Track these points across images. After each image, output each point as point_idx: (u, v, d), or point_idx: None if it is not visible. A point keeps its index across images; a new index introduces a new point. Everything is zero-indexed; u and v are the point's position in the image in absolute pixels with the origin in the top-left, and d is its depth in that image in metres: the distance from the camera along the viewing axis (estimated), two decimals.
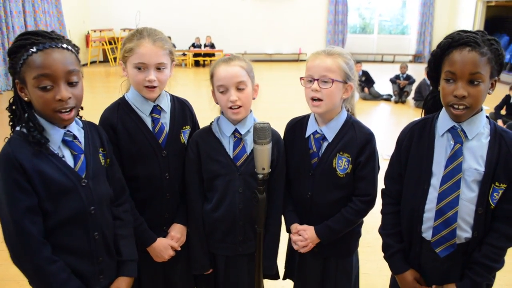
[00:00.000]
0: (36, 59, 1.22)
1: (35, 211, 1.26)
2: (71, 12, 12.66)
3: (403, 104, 8.65)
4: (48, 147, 1.29)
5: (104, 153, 1.48)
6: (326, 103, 1.61)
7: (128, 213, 1.58)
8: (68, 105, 1.28)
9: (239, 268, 1.75)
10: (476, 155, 1.43)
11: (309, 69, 1.64)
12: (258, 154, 1.45)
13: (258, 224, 1.51)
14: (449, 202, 1.43)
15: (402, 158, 1.58)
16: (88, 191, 1.35)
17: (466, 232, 1.46)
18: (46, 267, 1.26)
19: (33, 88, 1.24)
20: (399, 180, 1.60)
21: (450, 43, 1.39)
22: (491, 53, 1.36)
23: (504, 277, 2.81)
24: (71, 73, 1.28)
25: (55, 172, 1.28)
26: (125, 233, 1.52)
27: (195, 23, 14.32)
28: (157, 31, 1.65)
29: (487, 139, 1.44)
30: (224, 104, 1.65)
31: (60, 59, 1.26)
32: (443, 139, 1.48)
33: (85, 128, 1.44)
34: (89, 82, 10.47)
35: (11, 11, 9.70)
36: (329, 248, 1.73)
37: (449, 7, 14.70)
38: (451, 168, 1.43)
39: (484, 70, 1.35)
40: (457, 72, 1.36)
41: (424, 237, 1.52)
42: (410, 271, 1.57)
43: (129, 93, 1.71)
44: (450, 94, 1.38)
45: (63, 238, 1.32)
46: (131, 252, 1.52)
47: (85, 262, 1.36)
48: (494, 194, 1.42)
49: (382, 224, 1.66)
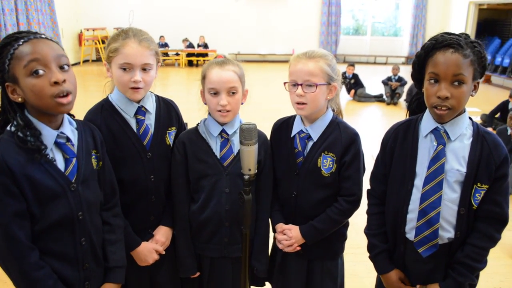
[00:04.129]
0: (24, 49, 1.21)
1: (23, 215, 1.24)
2: (64, 11, 12.59)
3: (395, 106, 8.71)
4: (44, 153, 1.27)
5: (97, 155, 1.45)
6: (311, 106, 1.63)
7: (118, 217, 1.55)
8: (65, 88, 1.25)
9: (223, 271, 1.74)
10: (458, 156, 1.44)
11: (292, 74, 1.64)
12: (244, 155, 1.45)
13: (244, 226, 1.50)
14: (431, 202, 1.45)
15: (387, 158, 1.59)
16: (77, 196, 1.32)
17: (449, 232, 1.47)
18: (33, 273, 1.24)
19: (25, 78, 1.21)
20: (384, 180, 1.61)
21: (433, 44, 1.41)
22: (474, 55, 1.37)
23: (492, 279, 2.84)
24: (60, 57, 1.26)
25: (45, 176, 1.26)
26: (113, 238, 1.49)
27: (188, 22, 14.30)
28: (142, 31, 1.62)
29: (470, 140, 1.45)
30: (214, 107, 1.64)
31: (48, 46, 1.25)
32: (426, 140, 1.49)
33: (79, 129, 1.41)
34: (82, 81, 10.40)
35: (3, 8, 9.62)
36: (315, 250, 1.73)
37: (442, 9, 14.81)
38: (433, 169, 1.45)
39: (467, 71, 1.36)
40: (440, 73, 1.37)
41: (407, 237, 1.53)
42: (394, 271, 1.58)
43: (113, 94, 1.68)
44: (434, 95, 1.39)
45: (49, 243, 1.30)
46: (118, 259, 1.49)
47: (71, 268, 1.34)
48: (476, 195, 1.44)
49: (367, 224, 1.67)
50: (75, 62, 13.55)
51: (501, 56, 11.94)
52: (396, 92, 8.83)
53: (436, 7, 14.88)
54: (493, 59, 12.36)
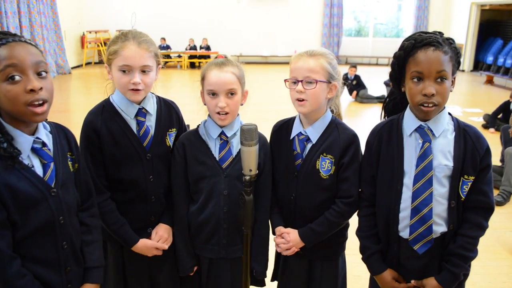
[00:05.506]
0: (1, 53, 1.16)
1: (3, 225, 1.21)
2: (66, 13, 12.65)
3: None
4: (18, 159, 1.22)
5: (72, 158, 1.42)
6: (311, 103, 1.63)
7: (95, 218, 1.53)
8: (41, 96, 1.20)
9: (221, 272, 1.75)
10: (445, 151, 1.48)
11: (292, 71, 1.65)
12: (245, 155, 1.45)
13: (245, 226, 1.51)
14: (423, 199, 1.47)
15: (373, 160, 1.60)
16: (57, 200, 1.30)
17: (442, 226, 1.50)
18: (15, 282, 1.22)
19: (0, 83, 1.17)
20: (372, 182, 1.62)
21: (413, 44, 1.44)
22: (451, 52, 1.42)
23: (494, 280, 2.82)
24: (39, 64, 1.22)
25: (24, 184, 1.23)
26: (90, 239, 1.47)
27: (191, 24, 14.34)
28: (142, 34, 1.63)
29: (453, 135, 1.49)
30: (212, 108, 1.65)
31: (26, 51, 1.20)
32: (411, 138, 1.52)
33: (53, 132, 1.38)
34: (84, 83, 10.45)
35: (6, 11, 9.66)
36: (314, 251, 1.73)
37: (444, 11, 14.81)
38: (422, 166, 1.47)
39: (448, 67, 1.41)
40: (424, 71, 1.40)
41: (401, 236, 1.55)
42: (388, 271, 1.59)
43: (114, 96, 1.69)
44: (419, 94, 1.42)
45: (31, 249, 1.27)
46: (96, 259, 1.47)
47: (53, 272, 1.32)
48: (464, 186, 1.48)
49: (359, 226, 1.69)
50: (77, 65, 13.60)
51: (504, 56, 11.92)
52: None
53: (438, 8, 14.88)
54: (495, 60, 12.35)
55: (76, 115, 1.48)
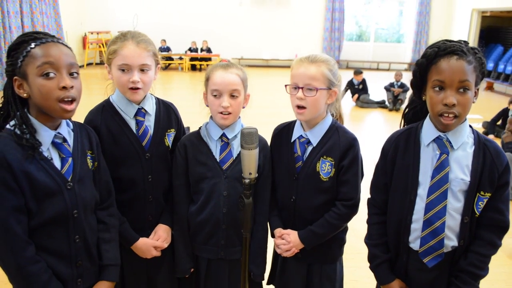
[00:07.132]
0: (40, 50, 1.27)
1: (21, 210, 1.27)
2: (68, 14, 12.66)
3: (397, 112, 8.69)
4: (38, 150, 1.30)
5: (92, 156, 1.49)
6: (310, 110, 1.64)
7: (114, 217, 1.58)
8: (71, 94, 1.30)
9: (220, 273, 1.75)
10: (462, 165, 1.43)
11: (293, 76, 1.66)
12: (245, 158, 1.47)
13: (244, 229, 1.52)
14: (436, 212, 1.43)
15: (388, 168, 1.57)
16: (73, 194, 1.36)
17: (452, 241, 1.46)
18: (29, 267, 1.27)
19: (36, 77, 1.26)
20: (385, 190, 1.60)
21: (436, 52, 1.39)
22: (476, 62, 1.37)
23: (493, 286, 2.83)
24: (72, 65, 1.33)
25: (42, 174, 1.29)
26: (108, 237, 1.52)
27: (192, 27, 14.37)
28: (141, 34, 1.67)
29: (472, 149, 1.44)
30: (215, 108, 1.67)
31: (62, 51, 1.31)
32: (428, 149, 1.48)
33: (75, 130, 1.45)
34: (86, 84, 10.43)
35: (8, 11, 9.67)
36: (313, 254, 1.73)
37: (445, 17, 14.84)
38: (438, 178, 1.43)
39: (471, 78, 1.36)
40: (446, 80, 1.35)
41: (411, 247, 1.52)
42: (396, 281, 1.57)
43: (114, 95, 1.72)
44: (440, 103, 1.37)
45: (43, 239, 1.32)
46: (113, 257, 1.52)
47: (64, 265, 1.36)
48: (479, 203, 1.43)
49: (368, 234, 1.66)
50: (79, 65, 13.61)
51: (504, 63, 11.95)
52: (398, 98, 8.86)
53: (439, 14, 14.91)
54: (495, 66, 12.38)
55: (77, 115, 1.49)
